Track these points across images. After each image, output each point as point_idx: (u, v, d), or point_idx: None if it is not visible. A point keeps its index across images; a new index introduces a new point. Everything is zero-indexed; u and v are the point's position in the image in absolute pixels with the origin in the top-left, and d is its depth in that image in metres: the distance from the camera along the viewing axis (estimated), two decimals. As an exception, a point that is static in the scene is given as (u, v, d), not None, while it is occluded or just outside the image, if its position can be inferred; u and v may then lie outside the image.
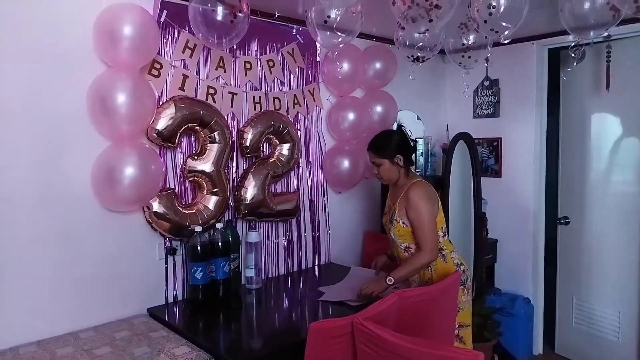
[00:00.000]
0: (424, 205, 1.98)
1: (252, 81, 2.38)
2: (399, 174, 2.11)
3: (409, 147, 2.14)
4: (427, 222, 1.98)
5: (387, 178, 2.14)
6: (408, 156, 2.12)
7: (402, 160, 2.09)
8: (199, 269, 2.02)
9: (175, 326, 1.85)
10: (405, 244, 2.06)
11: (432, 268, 2.03)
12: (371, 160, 2.14)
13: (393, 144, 2.10)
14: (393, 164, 2.09)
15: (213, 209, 2.15)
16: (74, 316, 1.85)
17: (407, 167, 2.12)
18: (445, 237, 2.09)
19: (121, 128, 1.80)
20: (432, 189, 2.08)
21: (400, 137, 2.14)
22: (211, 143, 2.14)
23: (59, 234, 1.81)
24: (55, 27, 1.77)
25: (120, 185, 1.80)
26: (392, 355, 1.33)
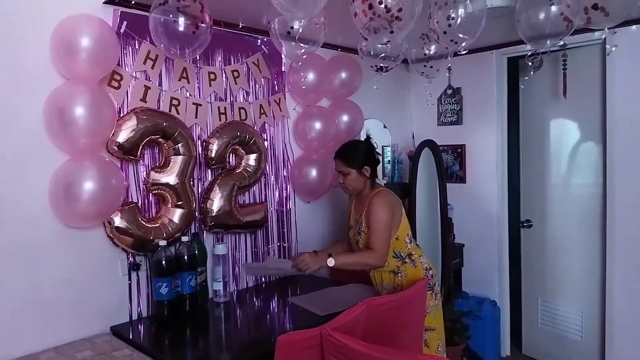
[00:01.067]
0: (381, 212, 2.02)
1: (216, 92, 2.35)
2: (364, 184, 2.13)
3: (375, 158, 2.17)
4: (380, 229, 2.01)
5: (352, 188, 2.15)
6: (374, 167, 2.15)
7: (369, 171, 2.11)
8: (164, 284, 1.97)
9: (140, 344, 1.79)
10: None
11: (402, 274, 2.05)
12: (338, 169, 2.15)
13: (361, 154, 2.12)
14: (360, 175, 2.11)
15: (178, 222, 2.11)
16: (33, 337, 1.77)
17: (372, 179, 2.14)
18: (412, 243, 2.12)
19: (80, 141, 1.75)
20: (394, 198, 2.11)
21: (369, 147, 2.16)
22: (175, 155, 2.10)
23: (15, 252, 1.74)
24: (11, 39, 1.71)
25: (79, 201, 1.74)
26: (360, 365, 1.32)
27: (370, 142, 2.18)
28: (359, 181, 2.12)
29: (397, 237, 2.06)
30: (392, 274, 2.08)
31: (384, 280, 2.12)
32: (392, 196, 2.10)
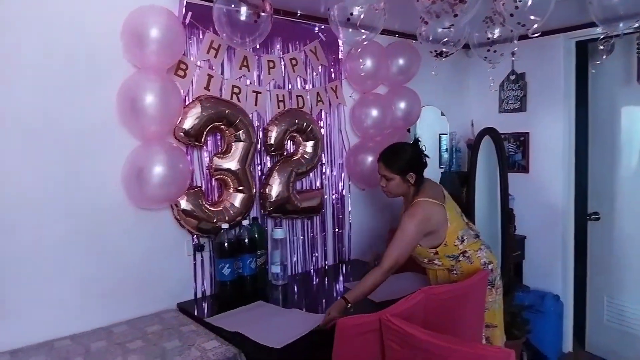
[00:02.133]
0: (409, 225, 1.88)
1: (275, 80, 2.40)
2: (408, 190, 2.01)
3: (422, 164, 2.02)
4: (399, 243, 1.87)
5: (394, 193, 2.04)
6: (421, 173, 2.01)
7: (414, 177, 1.97)
8: (227, 265, 2.06)
9: (204, 321, 1.88)
10: (426, 259, 2.01)
11: (457, 271, 1.97)
12: (380, 172, 2.03)
13: (407, 159, 1.98)
14: (404, 181, 1.98)
15: (239, 206, 2.19)
16: (106, 311, 1.90)
17: (417, 185, 2.00)
18: (465, 242, 1.97)
19: (150, 128, 1.85)
20: (435, 209, 1.93)
21: (416, 152, 2.01)
22: (236, 141, 2.17)
23: (92, 232, 1.87)
24: (85, 31, 1.82)
25: (149, 184, 1.84)
26: (421, 352, 1.32)
27: (418, 147, 2.03)
28: (401, 187, 2.00)
29: (445, 243, 1.94)
30: (447, 271, 2.03)
31: (438, 277, 2.07)
32: (432, 207, 1.93)
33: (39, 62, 1.72)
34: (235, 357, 1.59)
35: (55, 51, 1.75)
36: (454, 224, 1.95)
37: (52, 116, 1.76)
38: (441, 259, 1.98)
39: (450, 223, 1.93)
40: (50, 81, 1.75)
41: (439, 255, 1.96)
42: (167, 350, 1.61)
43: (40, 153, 1.74)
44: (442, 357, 1.30)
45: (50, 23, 1.74)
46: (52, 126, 1.76)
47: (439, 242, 1.94)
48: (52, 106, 1.76)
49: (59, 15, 1.76)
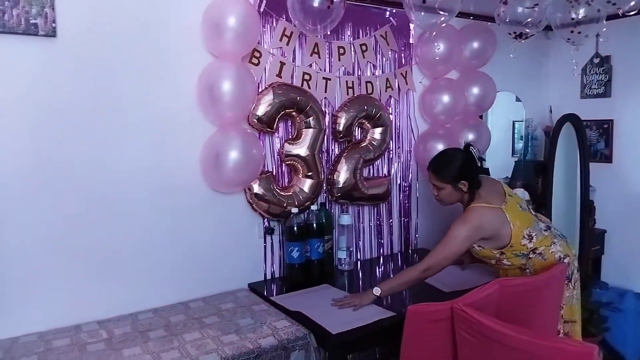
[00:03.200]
0: (458, 229, 1.81)
1: (345, 66, 2.40)
2: (461, 198, 1.95)
3: (475, 170, 1.93)
4: (445, 247, 1.81)
5: (447, 202, 1.99)
6: (473, 179, 1.91)
7: (467, 185, 1.90)
8: (296, 248, 2.11)
9: (274, 301, 1.95)
10: (492, 260, 1.93)
11: (530, 269, 1.89)
12: (431, 181, 1.99)
13: (457, 167, 1.90)
14: (456, 190, 1.92)
15: (308, 191, 2.23)
16: (183, 288, 2.02)
17: (472, 192, 1.91)
18: (535, 239, 1.87)
19: (226, 114, 1.92)
20: (489, 215, 1.84)
21: (467, 159, 1.92)
22: (306, 128, 2.20)
23: (172, 211, 1.98)
24: (167, 21, 1.91)
25: (225, 169, 1.92)
26: (495, 343, 1.30)
27: (469, 153, 1.93)
28: (454, 196, 1.94)
29: (511, 244, 1.85)
30: (519, 270, 1.95)
31: (509, 276, 1.99)
32: (487, 213, 1.84)
33: (131, 52, 1.84)
34: (305, 337, 1.63)
35: (145, 41, 1.86)
36: (518, 223, 1.85)
37: (140, 103, 1.87)
38: (509, 258, 1.89)
39: (513, 224, 1.84)
40: (138, 70, 1.86)
41: (505, 255, 1.88)
42: (240, 327, 1.69)
43: (131, 138, 1.87)
44: (519, 349, 1.27)
45: (143, 19, 1.86)
46: (140, 113, 1.88)
47: (503, 244, 1.86)
48: (141, 93, 1.87)
49: (148, 10, 1.86)
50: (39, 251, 1.72)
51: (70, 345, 1.59)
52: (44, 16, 1.67)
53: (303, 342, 1.62)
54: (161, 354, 1.50)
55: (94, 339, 1.63)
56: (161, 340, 1.61)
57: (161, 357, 1.48)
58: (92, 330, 1.70)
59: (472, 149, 1.94)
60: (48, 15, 1.68)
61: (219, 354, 1.49)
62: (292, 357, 1.59)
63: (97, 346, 1.57)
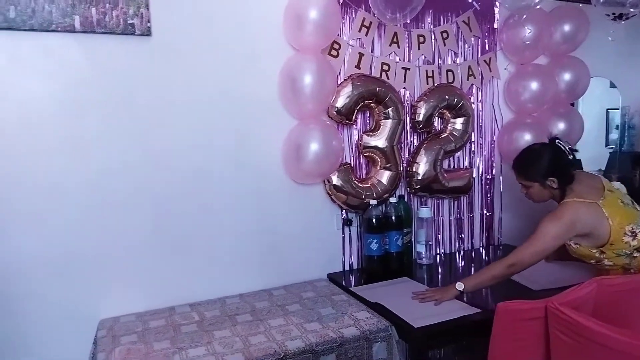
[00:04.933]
0: (549, 225, 1.70)
1: (425, 55, 2.34)
2: (551, 195, 1.85)
3: (565, 164, 1.81)
4: (534, 243, 1.70)
5: (537, 200, 1.91)
6: (564, 175, 1.80)
7: (556, 182, 1.80)
8: (375, 240, 2.10)
9: (353, 292, 1.96)
10: (592, 260, 1.80)
11: (635, 269, 1.74)
12: (518, 180, 1.91)
13: (544, 164, 1.81)
14: (545, 187, 1.83)
15: (386, 183, 2.21)
16: (266, 275, 2.08)
17: (562, 187, 1.81)
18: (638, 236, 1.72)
19: (307, 107, 1.95)
20: (584, 211, 1.71)
21: (554, 154, 1.82)
22: (385, 119, 2.18)
23: (254, 202, 2.05)
24: (249, 14, 1.95)
25: (305, 160, 1.95)
26: (593, 344, 1.22)
27: (556, 147, 1.82)
28: (544, 193, 1.85)
29: (611, 242, 1.72)
30: (622, 269, 1.80)
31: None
32: (581, 208, 1.72)
33: (214, 45, 1.91)
34: (386, 329, 1.63)
35: (230, 38, 1.93)
36: (618, 219, 1.71)
37: (226, 96, 1.95)
38: (611, 258, 1.75)
39: (612, 220, 1.71)
40: (221, 63, 1.93)
41: (606, 254, 1.74)
42: (322, 316, 1.72)
43: (217, 131, 1.95)
44: (619, 351, 1.18)
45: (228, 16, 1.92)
46: (225, 106, 1.96)
47: (602, 242, 1.73)
48: (227, 87, 1.95)
49: (233, 6, 1.93)
50: (138, 240, 1.85)
51: (166, 325, 1.70)
52: (140, 16, 1.78)
53: (385, 334, 1.62)
54: (249, 337, 1.57)
55: (186, 320, 1.73)
56: (248, 324, 1.67)
57: (249, 340, 1.54)
58: (185, 313, 1.81)
59: (559, 142, 1.84)
60: (143, 15, 1.79)
61: (303, 341, 1.53)
62: (374, 349, 1.59)
63: (190, 327, 1.67)
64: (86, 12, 1.70)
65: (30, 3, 1.63)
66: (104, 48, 1.75)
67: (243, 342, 1.53)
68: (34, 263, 1.71)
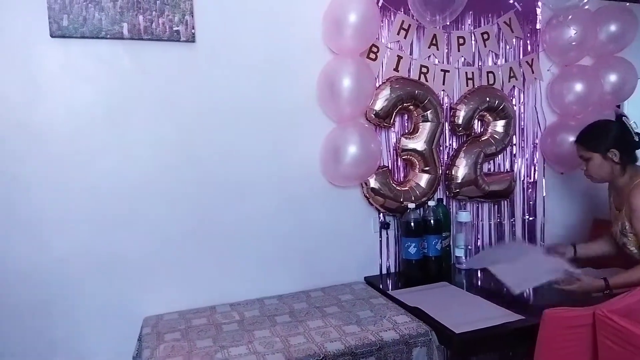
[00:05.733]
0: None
1: (465, 57, 2.31)
2: (611, 172, 1.81)
3: (629, 141, 1.80)
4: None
5: (596, 175, 1.86)
6: (627, 151, 1.78)
7: (618, 155, 1.77)
8: (413, 244, 2.08)
9: (391, 296, 1.94)
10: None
11: None
12: (579, 153, 1.89)
13: (609, 135, 1.80)
14: (605, 159, 1.80)
15: (425, 186, 2.19)
16: (304, 277, 2.10)
17: (624, 164, 1.79)
18: None
19: (346, 110, 1.95)
20: None
21: (619, 128, 1.81)
22: (424, 122, 2.16)
23: (292, 205, 2.07)
24: (288, 16, 1.98)
25: (344, 163, 1.96)
26: (647, 355, 1.17)
27: (622, 123, 1.82)
28: (603, 168, 1.82)
29: None
30: None
31: None
32: None
33: (255, 49, 1.95)
34: (426, 334, 1.61)
35: (270, 42, 1.97)
36: None
37: (267, 100, 1.98)
38: None
39: None
40: (261, 67, 1.96)
41: None
42: (361, 318, 1.72)
43: (257, 134, 1.99)
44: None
45: (268, 20, 1.96)
46: (266, 110, 1.99)
47: None
48: (268, 91, 1.98)
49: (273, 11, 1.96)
50: (180, 241, 1.91)
51: (207, 324, 1.74)
52: (185, 23, 1.84)
53: (425, 339, 1.60)
54: (288, 338, 1.58)
55: (227, 319, 1.77)
56: (287, 325, 1.69)
57: (289, 341, 1.55)
58: (226, 312, 1.84)
59: (625, 119, 1.83)
60: (188, 22, 1.84)
61: (343, 343, 1.53)
62: (414, 353, 1.58)
63: (231, 326, 1.70)
64: (134, 19, 1.77)
65: (82, 12, 1.71)
66: (150, 54, 1.81)
67: (283, 343, 1.55)
68: (80, 263, 1.79)
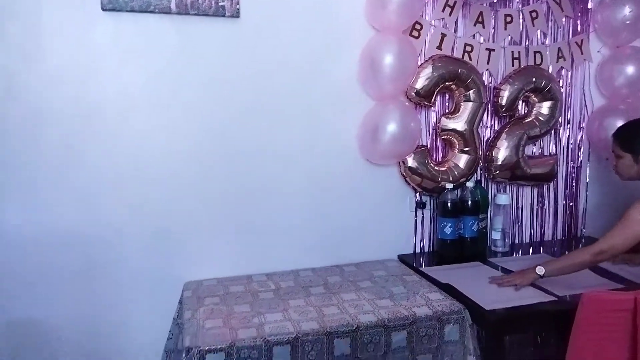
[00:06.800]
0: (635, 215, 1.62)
1: (511, 35, 2.25)
2: (639, 173, 1.76)
3: None
4: (621, 230, 1.62)
5: (624, 175, 1.82)
6: None
7: None
8: (449, 224, 2.08)
9: (424, 273, 1.95)
10: None
11: None
12: (612, 147, 1.84)
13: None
14: (636, 162, 1.75)
15: (463, 167, 2.16)
16: (337, 251, 2.13)
17: None
18: None
19: (386, 88, 1.95)
20: None
21: None
22: (466, 101, 2.13)
23: (328, 181, 2.09)
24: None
25: (383, 141, 1.96)
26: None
27: None
28: (632, 169, 1.77)
29: None
30: None
31: None
32: None
33: (303, 29, 1.97)
34: (460, 311, 1.62)
35: (313, 19, 1.98)
36: None
37: (309, 75, 2.00)
38: None
39: None
40: (304, 44, 1.98)
41: None
42: (394, 294, 1.74)
43: (295, 109, 2.01)
44: None
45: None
46: (308, 85, 2.01)
47: None
48: (310, 66, 2.00)
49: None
50: (221, 212, 1.98)
51: (245, 292, 1.80)
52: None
53: (458, 317, 1.61)
54: (322, 308, 1.63)
55: (263, 288, 1.83)
56: (321, 296, 1.74)
57: (323, 311, 1.60)
58: (262, 281, 1.91)
59: None
60: (233, -2, 1.87)
61: (376, 315, 1.56)
62: (447, 330, 1.59)
63: (267, 295, 1.76)
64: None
65: (133, -15, 1.77)
66: (196, 29, 1.86)
67: (317, 312, 1.59)
68: (128, 230, 1.88)
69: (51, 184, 1.79)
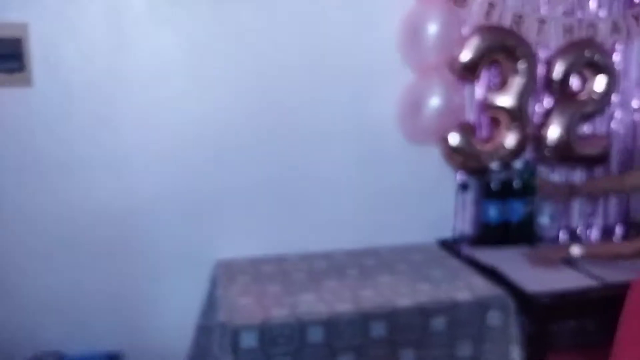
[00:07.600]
0: None
1: (564, 6, 2.08)
2: None
3: None
4: None
5: None
6: None
7: None
8: (493, 207, 1.97)
9: (465, 257, 1.86)
10: None
11: None
12: None
13: None
14: None
15: (511, 146, 2.03)
16: (373, 233, 2.05)
17: None
18: None
19: (429, 59, 1.84)
20: None
21: None
22: (515, 75, 1.98)
23: (366, 160, 2.01)
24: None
25: (425, 116, 1.85)
26: None
27: None
28: None
29: None
30: None
31: None
32: None
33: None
34: (503, 297, 1.52)
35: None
36: None
37: (348, 48, 1.91)
38: None
39: None
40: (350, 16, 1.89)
41: None
42: (432, 277, 1.66)
43: (333, 84, 1.93)
44: None
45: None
46: (346, 58, 1.92)
47: None
48: (351, 39, 1.90)
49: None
50: (255, 189, 1.92)
51: (277, 271, 1.76)
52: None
53: (501, 302, 1.51)
54: (357, 290, 1.56)
55: (296, 268, 1.78)
56: (356, 278, 1.67)
57: (358, 293, 1.53)
58: (294, 262, 1.85)
59: None
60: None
61: (413, 299, 1.48)
62: (489, 315, 1.50)
63: (299, 275, 1.71)
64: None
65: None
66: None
67: (352, 294, 1.53)
68: (161, 206, 1.86)
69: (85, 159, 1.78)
